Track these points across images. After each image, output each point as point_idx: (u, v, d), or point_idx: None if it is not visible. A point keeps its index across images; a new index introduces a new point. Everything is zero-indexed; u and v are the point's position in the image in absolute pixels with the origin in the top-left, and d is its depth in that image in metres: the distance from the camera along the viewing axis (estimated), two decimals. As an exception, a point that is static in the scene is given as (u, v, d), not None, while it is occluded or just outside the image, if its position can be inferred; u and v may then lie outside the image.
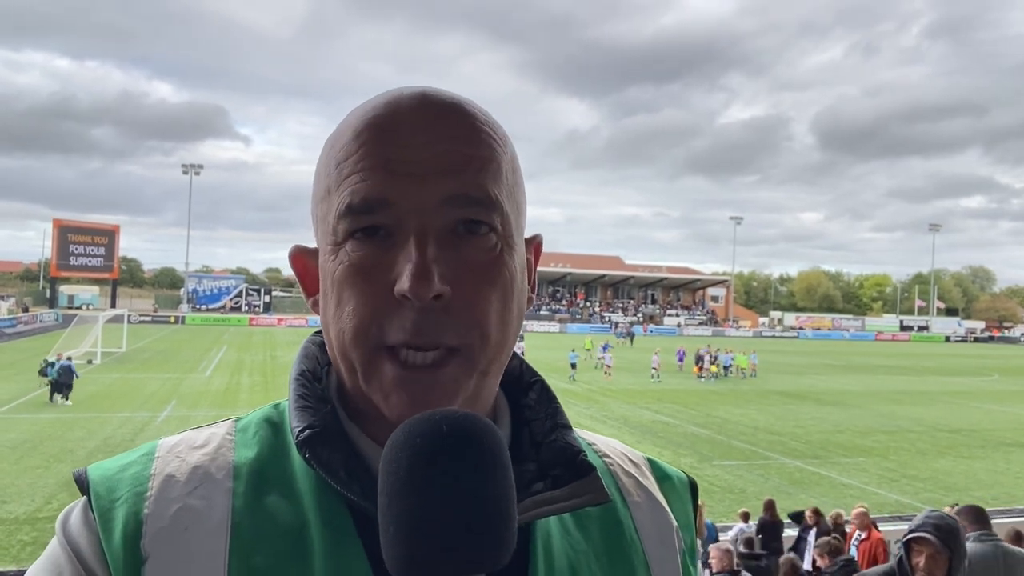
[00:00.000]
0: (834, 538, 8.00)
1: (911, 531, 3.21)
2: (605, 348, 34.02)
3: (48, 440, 16.02)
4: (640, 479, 0.80)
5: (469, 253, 0.63)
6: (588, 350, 34.31)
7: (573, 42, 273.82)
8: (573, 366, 31.86)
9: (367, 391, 0.65)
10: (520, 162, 0.71)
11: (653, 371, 31.89)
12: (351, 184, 0.63)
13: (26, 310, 56.40)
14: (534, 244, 0.76)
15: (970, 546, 4.60)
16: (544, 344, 38.39)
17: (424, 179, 0.62)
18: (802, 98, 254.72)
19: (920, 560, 3.12)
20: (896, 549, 3.44)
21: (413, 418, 0.57)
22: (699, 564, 0.80)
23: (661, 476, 0.83)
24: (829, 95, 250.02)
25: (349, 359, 0.65)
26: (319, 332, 0.79)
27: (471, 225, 0.64)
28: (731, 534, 9.83)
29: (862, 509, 8.70)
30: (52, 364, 21.52)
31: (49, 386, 20.83)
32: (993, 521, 4.90)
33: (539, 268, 0.79)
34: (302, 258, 0.73)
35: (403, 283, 0.60)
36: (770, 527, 9.77)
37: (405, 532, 0.53)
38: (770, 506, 10.01)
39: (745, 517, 10.22)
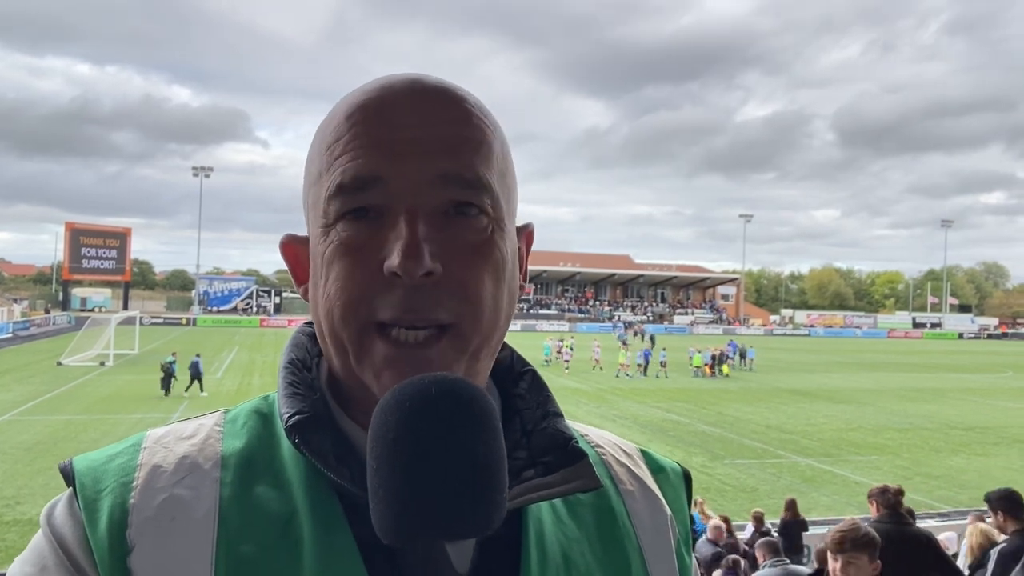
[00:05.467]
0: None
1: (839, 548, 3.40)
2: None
3: (62, 441, 16.14)
4: (633, 469, 0.80)
5: (460, 233, 0.63)
6: (571, 350, 35.99)
7: (591, 43, 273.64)
8: (547, 361, 36.23)
9: (359, 371, 0.64)
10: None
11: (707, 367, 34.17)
12: (342, 164, 0.63)
13: (47, 312, 56.88)
14: (525, 233, 0.75)
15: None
16: (532, 343, 38.43)
17: (417, 158, 0.62)
18: (820, 95, 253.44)
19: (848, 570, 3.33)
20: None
21: (402, 383, 0.57)
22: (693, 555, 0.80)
23: (655, 467, 0.82)
24: (847, 92, 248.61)
25: (339, 338, 0.64)
26: (310, 323, 0.78)
27: (462, 207, 0.63)
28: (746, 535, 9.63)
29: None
30: (173, 363, 23.40)
31: (161, 379, 22.71)
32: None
33: (548, 267, 0.78)
34: (293, 246, 0.73)
35: (393, 260, 0.60)
36: (793, 526, 9.53)
37: (395, 495, 0.53)
38: (791, 505, 9.78)
39: (759, 520, 9.79)
